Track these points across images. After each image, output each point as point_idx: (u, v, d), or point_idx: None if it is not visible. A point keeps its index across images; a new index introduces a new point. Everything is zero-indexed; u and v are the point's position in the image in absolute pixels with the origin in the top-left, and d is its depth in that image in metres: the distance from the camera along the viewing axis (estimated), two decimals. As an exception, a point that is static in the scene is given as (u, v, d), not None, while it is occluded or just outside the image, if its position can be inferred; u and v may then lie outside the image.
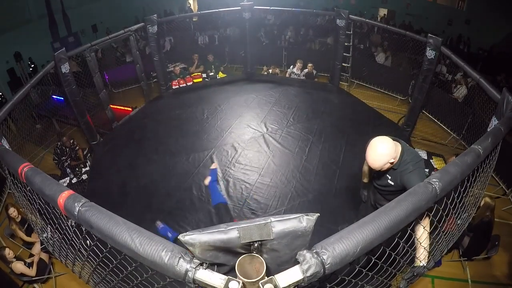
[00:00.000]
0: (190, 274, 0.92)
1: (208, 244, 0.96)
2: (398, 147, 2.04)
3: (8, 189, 4.78)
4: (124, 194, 4.11)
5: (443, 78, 7.01)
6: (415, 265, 1.75)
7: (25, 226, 3.93)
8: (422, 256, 1.73)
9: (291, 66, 7.31)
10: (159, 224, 3.50)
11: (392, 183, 2.16)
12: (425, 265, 1.73)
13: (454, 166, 1.33)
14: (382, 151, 1.95)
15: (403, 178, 2.04)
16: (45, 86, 4.93)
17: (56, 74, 4.40)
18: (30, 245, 3.93)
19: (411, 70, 7.31)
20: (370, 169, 2.31)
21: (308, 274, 0.88)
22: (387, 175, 2.17)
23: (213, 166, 4.20)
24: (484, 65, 8.65)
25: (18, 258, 3.52)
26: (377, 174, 2.31)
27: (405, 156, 2.04)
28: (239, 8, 6.25)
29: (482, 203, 3.58)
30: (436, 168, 4.45)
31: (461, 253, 3.70)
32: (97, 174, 4.59)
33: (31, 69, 8.88)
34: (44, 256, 3.69)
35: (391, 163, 2.01)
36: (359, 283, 1.30)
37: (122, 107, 6.24)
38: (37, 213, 1.87)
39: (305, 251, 0.93)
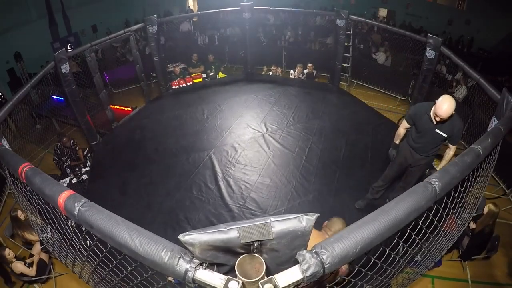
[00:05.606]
0: (189, 274, 0.92)
1: (208, 244, 0.95)
2: None
3: (8, 189, 4.78)
4: (124, 194, 4.11)
5: (441, 75, 7.00)
6: (434, 166, 2.39)
7: None
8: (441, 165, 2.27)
9: (291, 71, 7.30)
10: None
11: (444, 134, 2.76)
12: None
13: (454, 166, 1.32)
14: (452, 104, 2.56)
15: (455, 127, 2.74)
16: (45, 86, 4.93)
17: (56, 74, 4.40)
18: (30, 245, 3.93)
19: (411, 70, 7.31)
20: (414, 127, 2.95)
21: (307, 274, 0.88)
22: (436, 130, 2.77)
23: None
24: (485, 65, 8.65)
25: (18, 258, 3.52)
26: (423, 132, 2.87)
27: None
28: (239, 8, 6.26)
29: (486, 210, 3.56)
30: (436, 168, 4.45)
31: (460, 253, 3.70)
32: (97, 174, 4.59)
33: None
34: (44, 256, 3.69)
35: (451, 115, 2.60)
36: (359, 282, 1.30)
37: (122, 107, 6.25)
38: (37, 213, 1.87)
39: (304, 251, 0.93)
